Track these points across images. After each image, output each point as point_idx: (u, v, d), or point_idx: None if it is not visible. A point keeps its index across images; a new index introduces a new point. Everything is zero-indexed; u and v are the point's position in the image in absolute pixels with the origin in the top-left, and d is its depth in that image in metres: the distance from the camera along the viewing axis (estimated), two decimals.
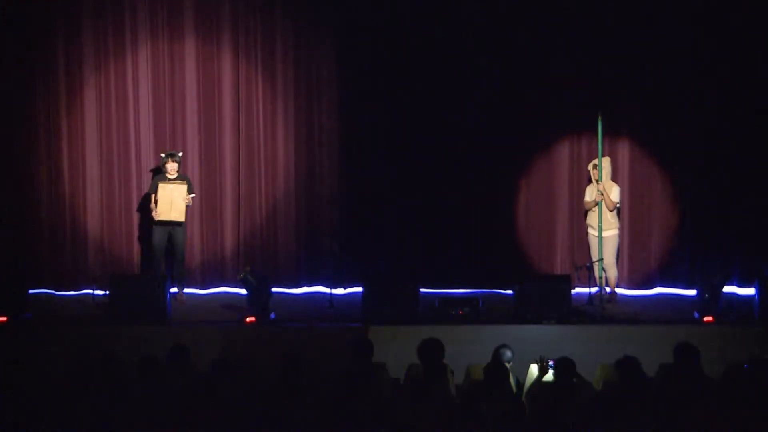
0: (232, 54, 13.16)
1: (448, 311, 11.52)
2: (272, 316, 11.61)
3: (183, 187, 12.42)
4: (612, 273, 12.48)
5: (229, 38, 13.13)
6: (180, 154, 12.65)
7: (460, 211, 13.07)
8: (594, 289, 12.25)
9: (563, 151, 13.15)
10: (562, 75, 12.88)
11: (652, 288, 13.16)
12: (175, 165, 12.47)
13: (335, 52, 13.14)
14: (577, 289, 12.35)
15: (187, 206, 12.47)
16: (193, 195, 12.62)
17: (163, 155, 12.57)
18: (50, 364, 9.78)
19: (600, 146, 12.16)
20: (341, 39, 13.12)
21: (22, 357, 10.21)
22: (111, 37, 13.09)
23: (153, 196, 12.43)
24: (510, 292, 12.08)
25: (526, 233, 13.22)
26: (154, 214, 12.42)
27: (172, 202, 12.38)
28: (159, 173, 12.64)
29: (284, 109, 13.25)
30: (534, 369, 8.97)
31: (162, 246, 12.54)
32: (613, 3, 12.83)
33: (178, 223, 12.50)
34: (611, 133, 12.76)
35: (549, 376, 8.56)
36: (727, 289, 12.01)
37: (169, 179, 12.44)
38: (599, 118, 12.02)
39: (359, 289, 11.96)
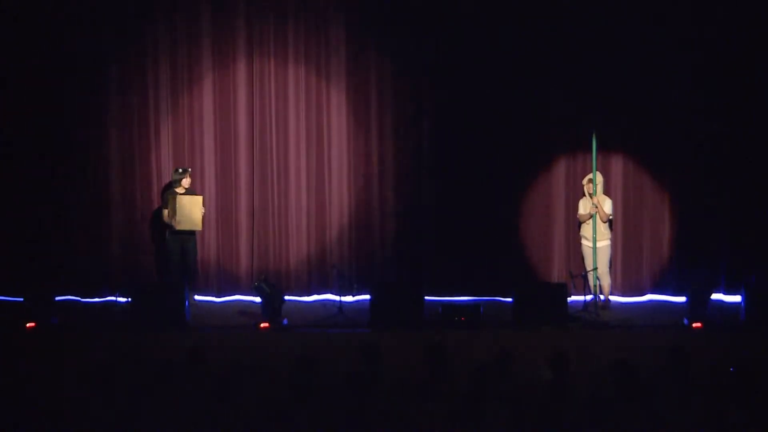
0: (247, 74, 13.17)
1: (451, 317, 11.51)
2: (285, 322, 11.63)
3: (199, 198, 12.50)
4: (605, 281, 12.47)
5: (244, 59, 13.14)
6: (190, 169, 12.71)
7: (462, 224, 13.05)
8: (589, 297, 12.23)
9: (560, 168, 13.14)
10: (559, 95, 12.87)
11: (643, 295, 13.14)
12: (190, 180, 12.56)
13: (346, 73, 13.13)
14: (573, 297, 12.33)
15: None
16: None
17: (180, 171, 12.61)
18: (75, 367, 9.76)
19: (594, 162, 12.17)
20: (352, 60, 13.12)
21: (48, 360, 10.25)
22: (132, 58, 13.10)
23: (170, 208, 12.46)
24: (510, 299, 12.07)
25: (525, 244, 13.20)
26: (173, 224, 12.45)
27: (191, 212, 12.43)
28: (169, 188, 12.67)
29: (296, 126, 13.25)
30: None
31: (178, 255, 12.59)
32: (604, 21, 12.80)
33: (191, 233, 12.55)
34: (604, 150, 12.76)
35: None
36: (714, 296, 12.00)
37: (179, 193, 12.48)
38: (593, 135, 12.07)
39: (367, 296, 11.97)
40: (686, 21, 12.74)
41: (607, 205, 12.39)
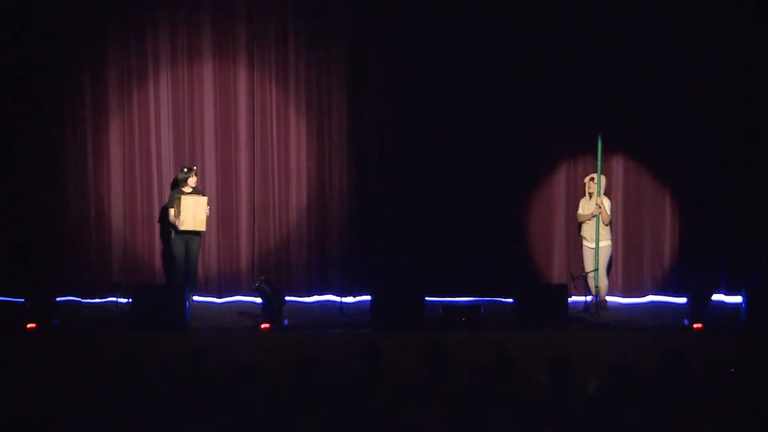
0: (248, 73, 13.18)
1: (451, 318, 11.51)
2: (285, 322, 11.63)
3: (204, 199, 12.50)
4: (602, 282, 12.45)
5: (244, 58, 13.16)
6: (195, 168, 12.73)
7: (463, 225, 13.05)
8: (589, 298, 12.23)
9: (560, 168, 13.15)
10: (559, 95, 12.87)
11: (644, 296, 13.14)
12: (195, 178, 12.55)
13: (346, 71, 13.14)
14: (574, 298, 12.33)
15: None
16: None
17: (185, 170, 12.62)
18: (75, 368, 9.77)
19: (599, 163, 12.16)
20: (352, 58, 13.12)
21: (49, 361, 10.27)
22: (134, 57, 13.11)
23: (175, 208, 12.47)
24: (510, 300, 12.07)
25: (526, 245, 13.20)
26: (178, 224, 12.45)
27: (195, 213, 12.43)
28: (176, 187, 12.69)
29: (297, 125, 13.27)
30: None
31: (182, 255, 12.59)
32: (604, 21, 12.80)
33: (196, 233, 12.56)
34: (604, 150, 12.75)
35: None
36: (715, 297, 12.00)
37: (186, 192, 12.50)
38: (599, 137, 12.06)
39: (368, 297, 11.98)
40: (686, 21, 12.74)
41: (606, 206, 12.38)
